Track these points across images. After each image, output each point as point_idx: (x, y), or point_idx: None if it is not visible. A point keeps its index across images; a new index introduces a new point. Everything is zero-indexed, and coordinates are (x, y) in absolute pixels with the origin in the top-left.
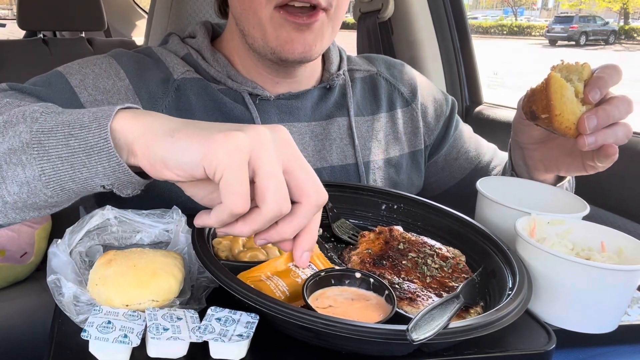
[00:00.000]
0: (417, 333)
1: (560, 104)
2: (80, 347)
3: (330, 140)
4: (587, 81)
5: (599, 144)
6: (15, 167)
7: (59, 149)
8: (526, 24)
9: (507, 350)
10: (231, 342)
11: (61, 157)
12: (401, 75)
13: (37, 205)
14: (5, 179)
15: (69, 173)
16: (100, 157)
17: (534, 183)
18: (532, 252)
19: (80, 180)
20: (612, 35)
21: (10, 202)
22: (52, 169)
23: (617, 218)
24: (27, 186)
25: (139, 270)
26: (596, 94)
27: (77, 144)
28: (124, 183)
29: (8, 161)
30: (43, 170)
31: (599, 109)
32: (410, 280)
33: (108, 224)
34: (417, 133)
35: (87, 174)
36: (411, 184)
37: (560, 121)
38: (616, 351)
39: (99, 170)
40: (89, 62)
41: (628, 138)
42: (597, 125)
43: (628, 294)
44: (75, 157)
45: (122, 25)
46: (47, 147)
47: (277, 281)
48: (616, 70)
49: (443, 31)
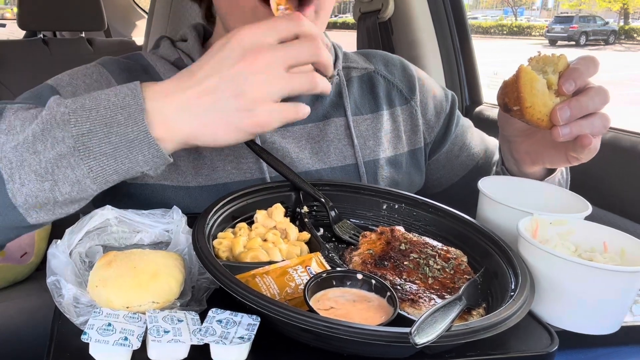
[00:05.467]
0: (420, 336)
1: (530, 96)
2: (80, 349)
3: (327, 141)
4: (562, 73)
5: (574, 134)
6: (65, 170)
7: (102, 147)
8: (526, 24)
9: (509, 352)
10: (232, 344)
11: (106, 154)
12: (399, 72)
13: (82, 198)
14: (58, 181)
15: (113, 167)
16: (141, 148)
17: (536, 183)
18: (535, 253)
19: (122, 171)
20: (612, 35)
21: (60, 201)
22: (99, 165)
23: (618, 218)
24: (78, 185)
25: (139, 271)
26: (570, 86)
27: (118, 140)
28: (159, 167)
29: (59, 165)
30: (90, 168)
31: (572, 100)
32: (412, 281)
33: (108, 224)
34: (417, 131)
35: (128, 164)
36: (411, 183)
37: (531, 113)
38: (619, 352)
39: (139, 160)
40: (79, 73)
41: (606, 128)
42: (570, 117)
43: (630, 295)
44: (118, 152)
45: (122, 25)
46: (91, 147)
47: (270, 282)
48: (593, 62)
49: (443, 31)
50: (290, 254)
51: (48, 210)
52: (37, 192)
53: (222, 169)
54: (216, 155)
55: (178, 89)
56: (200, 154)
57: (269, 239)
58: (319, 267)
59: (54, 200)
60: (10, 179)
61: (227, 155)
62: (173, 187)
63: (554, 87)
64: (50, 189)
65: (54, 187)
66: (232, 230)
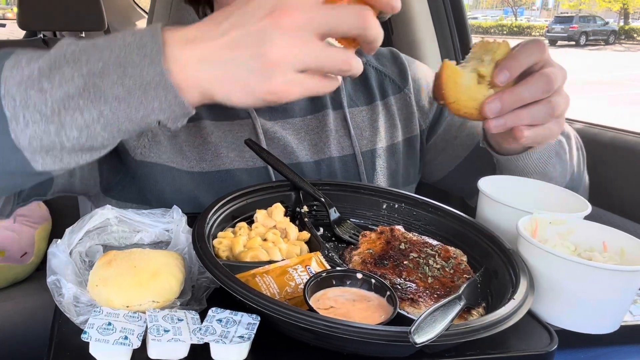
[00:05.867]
0: (419, 335)
1: (454, 92)
2: (80, 348)
3: (327, 132)
4: (499, 62)
5: (508, 125)
6: (73, 112)
7: (115, 90)
8: (526, 24)
9: (509, 351)
10: (232, 343)
11: (118, 98)
12: (390, 62)
13: (92, 147)
14: (64, 125)
15: (126, 113)
16: (158, 93)
17: (536, 182)
18: (534, 253)
19: (137, 119)
20: (612, 35)
21: (67, 147)
22: (110, 110)
23: (618, 218)
24: (87, 130)
25: (139, 270)
26: (504, 76)
27: (132, 82)
28: (177, 117)
29: (67, 107)
30: (101, 112)
31: (505, 91)
32: (412, 280)
33: (108, 223)
34: (412, 118)
35: (143, 111)
36: (408, 173)
37: (456, 108)
38: (618, 351)
39: (155, 107)
40: None
41: (553, 117)
42: (502, 109)
43: (630, 294)
44: (132, 96)
45: (122, 25)
46: (103, 89)
47: (270, 282)
48: (537, 47)
49: (443, 31)
50: (290, 254)
51: (55, 157)
52: (42, 135)
53: (225, 155)
54: (221, 141)
55: (201, 38)
56: (205, 140)
57: (269, 239)
58: (318, 266)
59: (60, 145)
60: (14, 119)
61: (231, 143)
62: (178, 170)
63: (488, 78)
64: (56, 132)
65: (60, 131)
66: (232, 230)
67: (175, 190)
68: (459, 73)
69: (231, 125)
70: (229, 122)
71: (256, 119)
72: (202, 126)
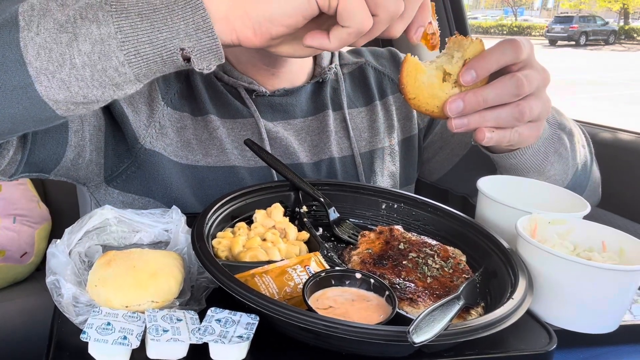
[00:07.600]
0: (418, 335)
1: (414, 88)
2: (79, 348)
3: (327, 132)
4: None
5: (472, 126)
6: (90, 24)
7: (140, 6)
8: (526, 24)
9: (508, 351)
10: (231, 343)
11: (141, 14)
12: (388, 61)
13: (102, 71)
14: (78, 36)
15: (148, 32)
16: (185, 12)
17: (535, 182)
18: (533, 252)
19: (158, 42)
20: (612, 35)
21: (78, 64)
22: (130, 26)
23: (617, 218)
24: (101, 45)
25: (139, 271)
26: (469, 76)
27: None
28: (204, 49)
29: (84, 16)
30: (120, 27)
31: (468, 92)
32: (411, 280)
33: (107, 223)
34: (410, 117)
35: (167, 33)
36: (406, 174)
37: (416, 104)
38: (617, 351)
39: (180, 29)
40: None
41: (521, 121)
42: (464, 109)
43: (629, 294)
44: (156, 14)
45: None
46: (126, 3)
47: (269, 282)
48: (512, 47)
49: (443, 31)
50: (289, 254)
51: (61, 81)
52: (52, 45)
53: (230, 152)
54: (226, 137)
55: None
56: (211, 135)
57: (268, 239)
58: (318, 266)
59: (70, 60)
60: (27, 27)
61: (234, 141)
62: (182, 164)
63: (454, 76)
64: (68, 43)
65: (72, 42)
66: (231, 230)
67: (179, 182)
68: (420, 69)
69: (235, 124)
70: (232, 120)
71: (259, 120)
72: (209, 120)
